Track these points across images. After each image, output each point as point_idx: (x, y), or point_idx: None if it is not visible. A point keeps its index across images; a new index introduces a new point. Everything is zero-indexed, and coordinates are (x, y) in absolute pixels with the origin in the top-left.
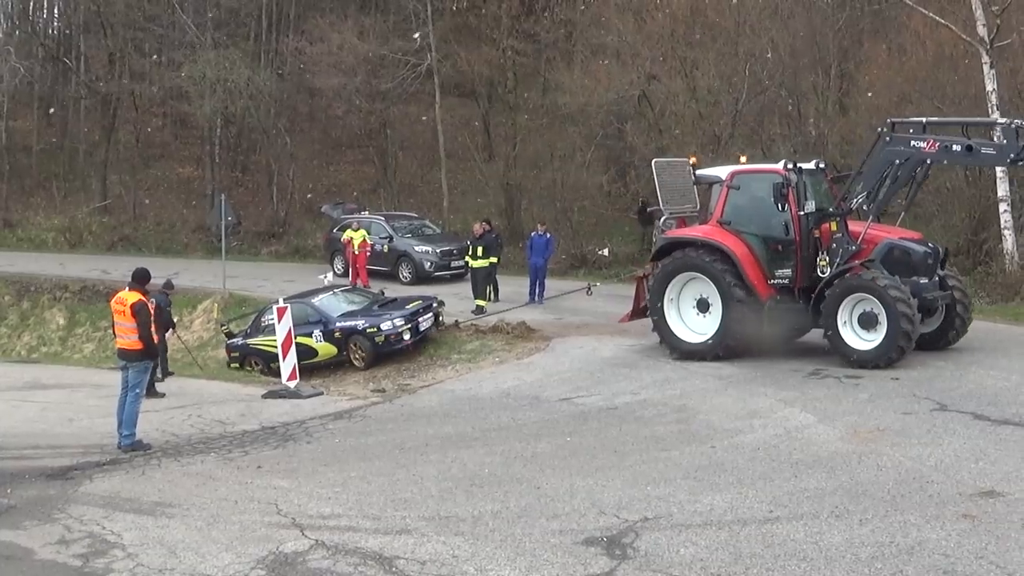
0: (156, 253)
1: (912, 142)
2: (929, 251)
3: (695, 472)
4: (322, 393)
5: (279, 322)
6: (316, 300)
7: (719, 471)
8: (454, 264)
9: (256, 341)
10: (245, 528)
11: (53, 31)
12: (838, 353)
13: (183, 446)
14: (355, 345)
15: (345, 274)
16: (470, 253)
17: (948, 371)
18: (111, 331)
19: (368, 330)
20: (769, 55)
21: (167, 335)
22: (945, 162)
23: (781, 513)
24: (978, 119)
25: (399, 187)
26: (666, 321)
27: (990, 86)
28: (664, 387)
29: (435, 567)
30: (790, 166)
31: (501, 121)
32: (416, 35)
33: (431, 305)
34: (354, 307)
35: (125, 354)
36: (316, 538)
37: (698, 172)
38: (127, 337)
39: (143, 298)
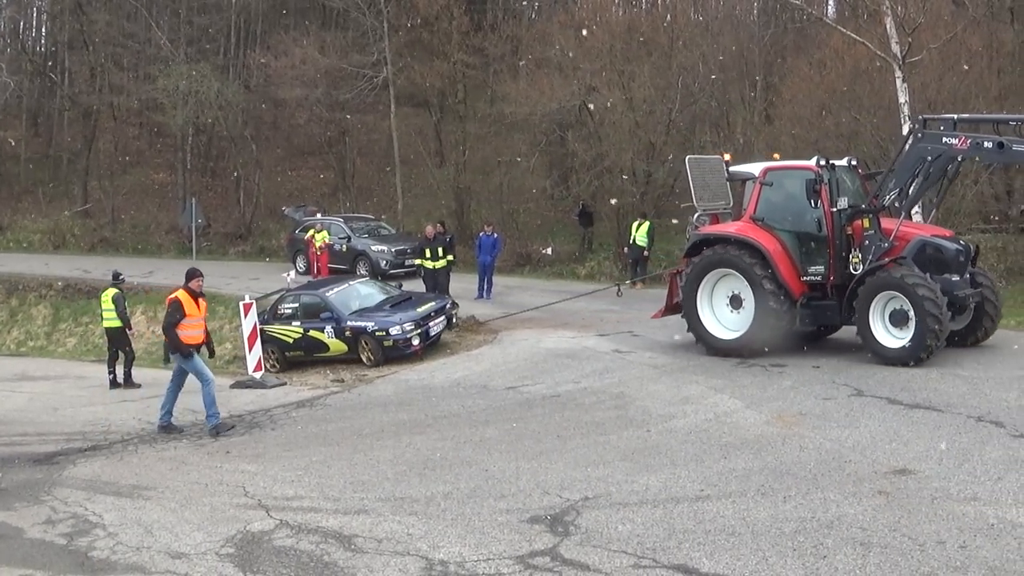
0: (132, 253)
1: (944, 139)
2: (960, 248)
3: (632, 454)
4: (285, 383)
5: (245, 317)
6: (330, 294)
7: (654, 453)
8: (408, 263)
9: (273, 328)
10: (215, 509)
11: (40, 48)
12: (870, 350)
13: (157, 433)
14: (364, 344)
15: (307, 272)
16: (428, 256)
17: (865, 359)
18: (91, 326)
19: (377, 333)
20: (700, 68)
21: None
22: (977, 159)
23: (711, 492)
24: (1009, 116)
25: (357, 191)
26: (699, 317)
27: (902, 98)
28: (603, 376)
29: (391, 544)
30: (823, 163)
31: (452, 129)
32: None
33: (444, 307)
34: (368, 303)
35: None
36: (281, 518)
37: (731, 169)
38: None
39: (178, 296)
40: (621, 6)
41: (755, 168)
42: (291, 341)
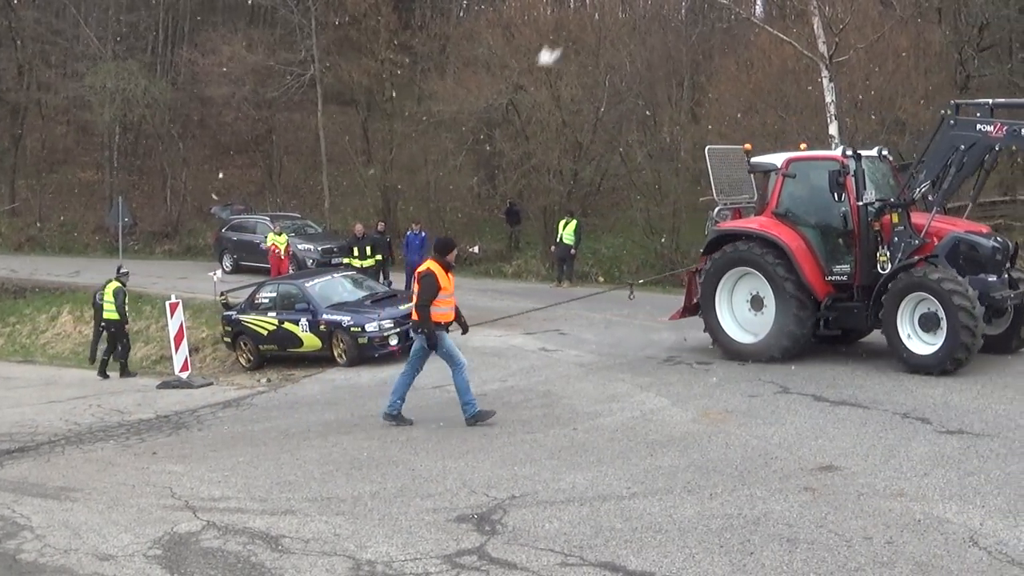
0: (60, 253)
1: (978, 126)
2: (998, 246)
3: (559, 452)
4: (212, 383)
5: (171, 317)
6: (309, 285)
7: (581, 451)
8: (334, 261)
9: (249, 319)
10: (142, 511)
11: None
12: (897, 357)
13: (84, 434)
14: (338, 340)
15: (235, 271)
16: (355, 254)
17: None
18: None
19: (352, 329)
20: (628, 67)
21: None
22: (1014, 148)
23: (638, 489)
24: None
25: (283, 189)
26: (717, 319)
27: (829, 98)
28: (530, 374)
29: (318, 545)
30: (848, 152)
31: (379, 127)
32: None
33: None
34: (350, 298)
35: (412, 324)
36: (208, 519)
37: (752, 160)
38: None
39: (432, 268)
40: (549, 5)
41: (778, 159)
42: (265, 333)
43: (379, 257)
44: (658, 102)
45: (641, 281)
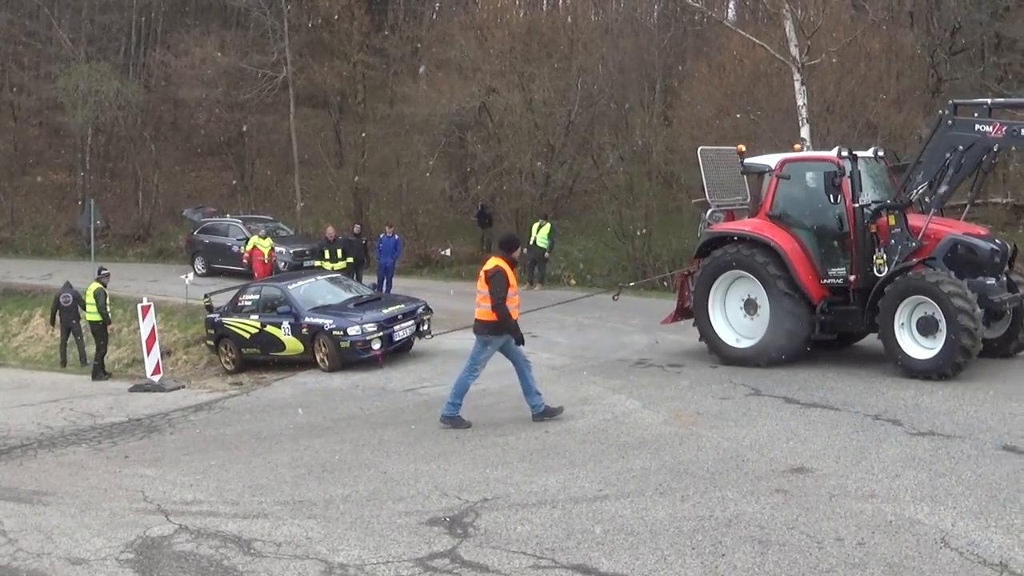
0: (31, 255)
1: (976, 126)
2: (996, 248)
3: (530, 455)
4: (184, 386)
5: (143, 320)
6: (292, 287)
7: (553, 454)
8: (306, 264)
9: (232, 321)
10: (115, 514)
11: None
12: (894, 361)
13: (56, 438)
14: (321, 344)
15: (207, 274)
16: (327, 257)
17: None
18: None
19: (334, 332)
20: (600, 70)
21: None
22: (1013, 148)
23: (610, 491)
24: None
25: (256, 192)
26: (710, 323)
27: (801, 101)
28: (501, 377)
29: (290, 548)
30: (844, 153)
31: (351, 130)
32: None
33: (415, 311)
34: (332, 301)
35: (474, 324)
36: (180, 523)
37: (746, 161)
38: (480, 306)
39: (501, 265)
40: (522, 7)
41: (772, 160)
42: (247, 337)
43: (350, 260)
44: (630, 105)
45: (632, 284)
